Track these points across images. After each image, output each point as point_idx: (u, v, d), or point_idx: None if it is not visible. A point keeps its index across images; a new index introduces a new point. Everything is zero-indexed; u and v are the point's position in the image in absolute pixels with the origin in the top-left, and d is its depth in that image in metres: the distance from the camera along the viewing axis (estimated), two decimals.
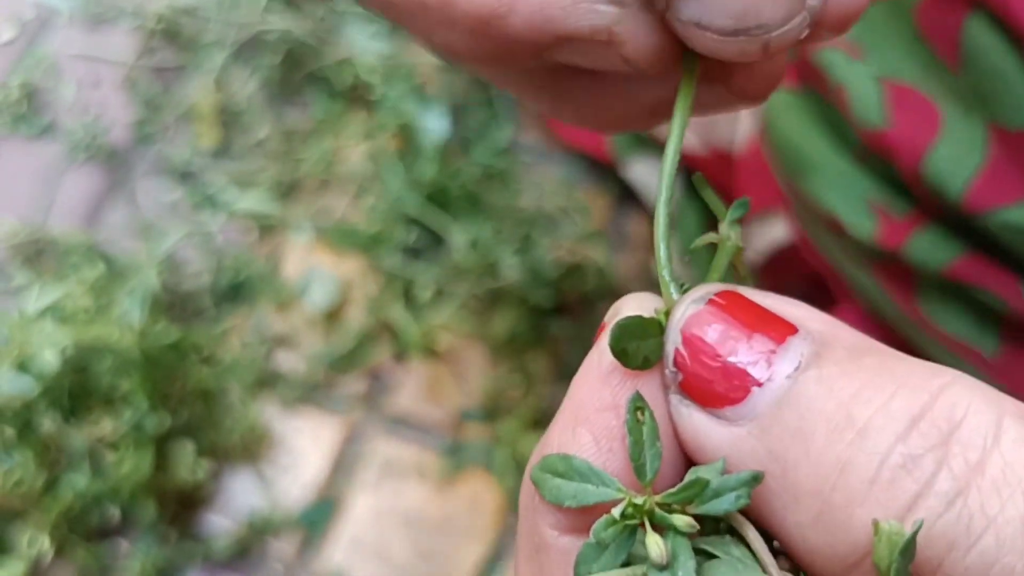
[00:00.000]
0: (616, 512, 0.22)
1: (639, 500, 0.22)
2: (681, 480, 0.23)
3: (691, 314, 0.23)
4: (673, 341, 0.23)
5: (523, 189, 1.10)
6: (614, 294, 1.09)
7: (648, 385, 0.24)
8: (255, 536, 0.97)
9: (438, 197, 1.05)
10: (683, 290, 0.25)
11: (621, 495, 0.23)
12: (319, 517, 0.97)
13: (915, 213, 0.59)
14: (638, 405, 0.23)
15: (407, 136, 1.10)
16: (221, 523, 0.98)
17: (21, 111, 1.18)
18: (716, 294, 0.24)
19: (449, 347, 1.02)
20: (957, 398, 0.21)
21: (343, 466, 1.00)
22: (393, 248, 1.05)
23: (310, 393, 1.02)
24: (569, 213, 1.08)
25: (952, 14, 0.53)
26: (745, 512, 0.23)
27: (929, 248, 0.58)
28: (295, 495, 0.99)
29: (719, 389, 0.22)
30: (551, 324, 1.02)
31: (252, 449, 1.00)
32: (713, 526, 0.23)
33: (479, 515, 0.97)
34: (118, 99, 1.20)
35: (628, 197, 1.08)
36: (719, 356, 0.23)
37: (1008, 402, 0.21)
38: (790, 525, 0.22)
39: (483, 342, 1.02)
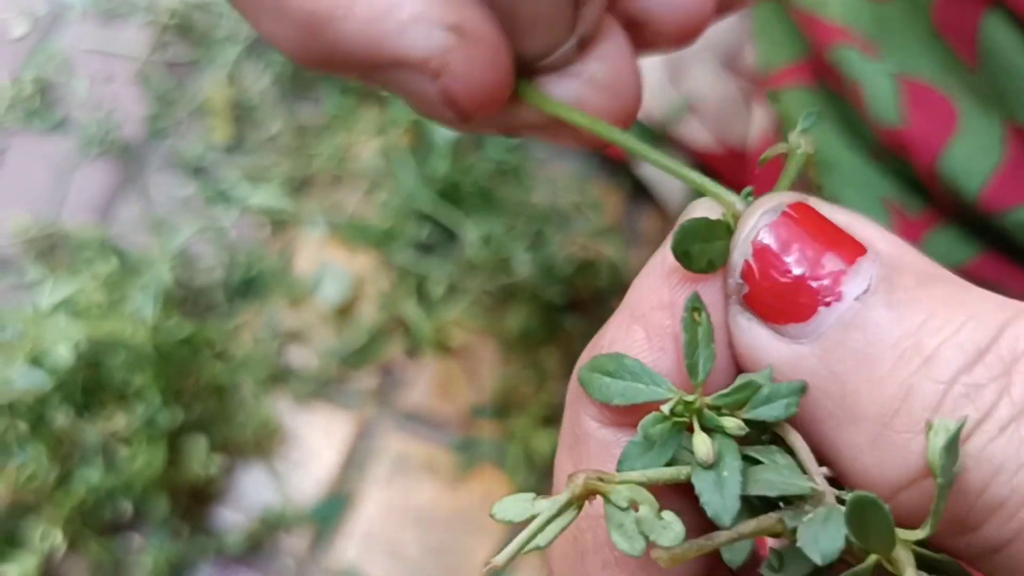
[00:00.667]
0: (666, 409, 0.22)
1: (690, 398, 0.22)
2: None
3: (764, 225, 0.23)
4: (742, 252, 0.23)
5: (536, 185, 1.09)
6: (627, 290, 1.09)
7: (708, 290, 0.24)
8: (267, 531, 0.97)
9: (451, 193, 1.05)
10: (747, 198, 0.25)
11: (671, 395, 0.23)
12: (331, 512, 0.97)
13: (931, 212, 0.59)
14: (695, 305, 0.23)
15: (419, 132, 1.10)
16: (233, 518, 0.98)
17: (34, 106, 1.18)
18: (789, 205, 0.23)
19: (461, 343, 1.02)
20: (1021, 331, 0.21)
21: (355, 462, 1.00)
22: (405, 244, 1.05)
23: (322, 388, 1.02)
24: (582, 209, 1.08)
25: (969, 12, 0.52)
26: (792, 424, 0.22)
27: (945, 247, 0.57)
28: (307, 490, 0.99)
29: (785, 305, 0.22)
30: (564, 320, 1.02)
31: (264, 444, 1.00)
32: (757, 436, 0.23)
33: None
34: (131, 94, 1.20)
35: (641, 193, 1.08)
36: (789, 271, 0.22)
37: None
38: (843, 445, 0.22)
39: (495, 338, 1.02)
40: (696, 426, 0.22)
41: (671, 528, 0.21)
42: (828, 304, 0.22)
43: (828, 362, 0.22)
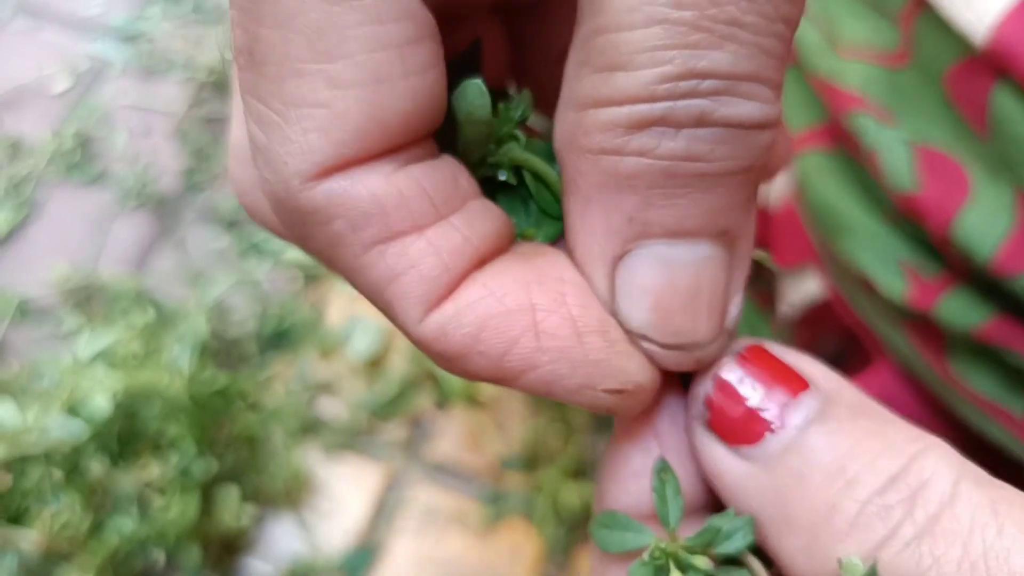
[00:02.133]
0: (646, 555, 0.27)
1: (664, 545, 0.27)
2: (704, 497, 0.29)
3: (724, 366, 0.28)
4: (706, 387, 0.28)
5: None
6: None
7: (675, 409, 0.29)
8: None
9: None
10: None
11: (651, 541, 0.27)
12: (360, 564, 0.98)
13: (945, 275, 0.59)
14: (662, 468, 0.28)
15: None
16: (263, 568, 0.99)
17: (75, 159, 1.21)
18: (746, 348, 0.28)
19: (490, 396, 1.03)
20: (927, 462, 0.25)
21: (384, 513, 1.01)
22: None
23: (352, 440, 1.04)
24: None
25: (980, 82, 0.54)
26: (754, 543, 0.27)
27: (959, 310, 0.58)
28: (336, 541, 1.00)
29: (739, 430, 0.27)
30: None
31: (294, 495, 1.01)
32: (729, 563, 0.28)
33: (519, 563, 0.97)
34: (168, 148, 1.23)
35: None
36: (743, 403, 0.27)
37: (969, 469, 0.25)
38: (784, 548, 0.26)
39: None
40: (672, 566, 0.27)
41: None
42: (773, 431, 0.26)
43: (772, 479, 0.26)
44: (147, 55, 1.27)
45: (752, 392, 0.27)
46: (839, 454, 0.25)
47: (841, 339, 0.76)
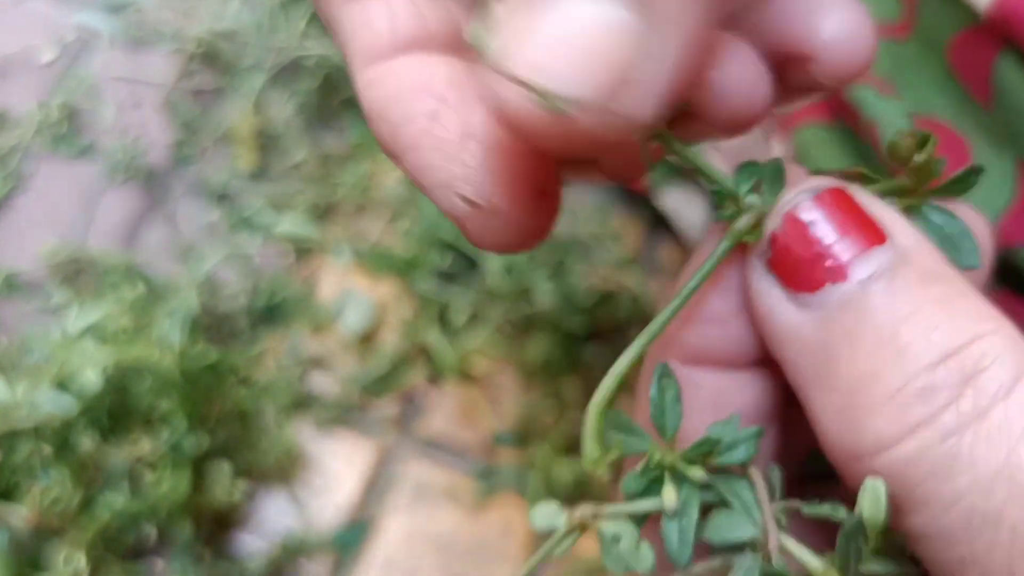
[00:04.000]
0: (639, 467, 0.26)
1: (659, 455, 0.26)
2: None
3: (798, 203, 0.26)
4: (775, 223, 0.26)
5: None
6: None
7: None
8: (288, 557, 0.98)
9: None
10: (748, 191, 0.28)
11: (650, 449, 0.26)
12: (352, 539, 0.98)
13: None
14: (664, 373, 0.27)
15: None
16: (255, 544, 0.99)
17: (61, 132, 1.20)
18: (826, 190, 0.26)
19: (483, 371, 1.03)
20: (989, 347, 0.22)
21: (376, 489, 1.00)
22: (428, 272, 1.06)
23: (344, 415, 1.03)
24: (602, 240, 1.09)
25: (984, 52, 0.53)
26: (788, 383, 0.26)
27: None
28: (328, 517, 1.00)
29: (800, 275, 0.25)
30: (584, 350, 1.03)
31: (286, 470, 1.00)
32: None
33: (511, 540, 0.97)
34: (157, 121, 1.21)
35: (661, 225, 1.09)
36: (809, 247, 0.25)
37: None
38: (818, 408, 0.24)
39: (517, 367, 1.03)
40: (667, 478, 0.26)
41: (645, 557, 0.25)
42: (835, 282, 0.24)
43: (822, 333, 0.24)
44: (135, 26, 1.25)
45: (822, 236, 0.25)
46: (896, 319, 0.23)
47: None
